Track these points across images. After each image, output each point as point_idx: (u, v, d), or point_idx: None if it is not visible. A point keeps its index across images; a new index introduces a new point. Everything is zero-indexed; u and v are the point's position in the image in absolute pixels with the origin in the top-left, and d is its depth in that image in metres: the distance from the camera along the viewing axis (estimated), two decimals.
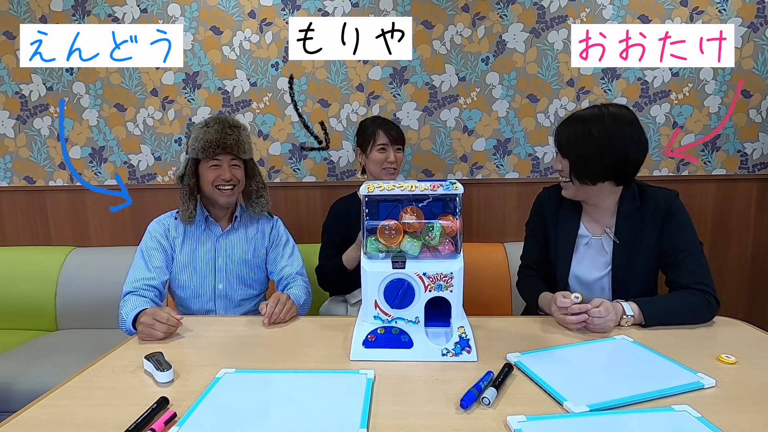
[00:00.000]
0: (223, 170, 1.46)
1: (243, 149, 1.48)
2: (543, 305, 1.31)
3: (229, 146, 1.44)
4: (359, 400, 0.82)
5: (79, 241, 2.28)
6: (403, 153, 1.80)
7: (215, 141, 1.43)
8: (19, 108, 2.21)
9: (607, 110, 1.24)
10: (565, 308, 1.13)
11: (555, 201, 1.41)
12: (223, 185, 1.47)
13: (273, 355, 1.04)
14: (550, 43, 2.08)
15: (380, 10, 2.08)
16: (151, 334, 1.14)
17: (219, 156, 1.45)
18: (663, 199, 1.27)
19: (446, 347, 1.00)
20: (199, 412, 0.79)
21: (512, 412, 0.78)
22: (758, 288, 2.19)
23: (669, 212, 1.25)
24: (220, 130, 1.44)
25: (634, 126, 1.22)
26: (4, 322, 2.12)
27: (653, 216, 1.26)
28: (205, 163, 1.47)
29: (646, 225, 1.26)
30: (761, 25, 2.03)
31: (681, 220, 1.25)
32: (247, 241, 1.57)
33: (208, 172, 1.46)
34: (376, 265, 1.02)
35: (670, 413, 0.77)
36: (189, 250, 1.51)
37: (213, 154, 1.44)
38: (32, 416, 0.81)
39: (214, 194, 1.47)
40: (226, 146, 1.44)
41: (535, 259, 1.44)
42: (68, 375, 0.95)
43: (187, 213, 1.47)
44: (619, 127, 1.21)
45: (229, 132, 1.45)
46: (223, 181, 1.46)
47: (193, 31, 2.12)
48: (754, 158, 2.13)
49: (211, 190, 1.47)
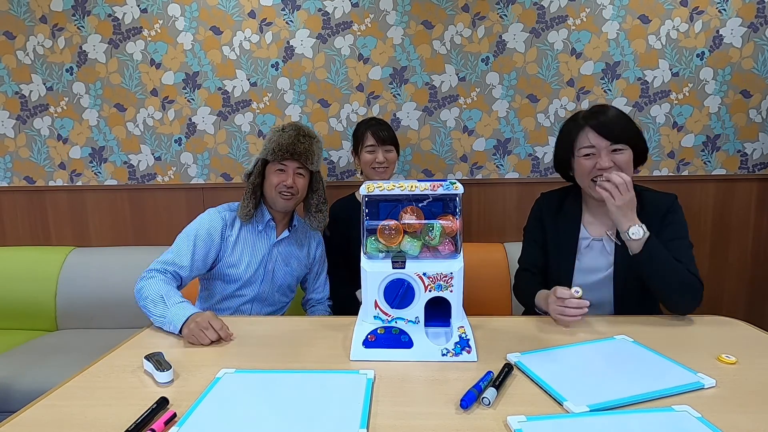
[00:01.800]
0: (287, 176, 1.47)
1: (311, 159, 1.49)
2: (540, 302, 1.29)
3: (298, 153, 1.46)
4: (359, 400, 0.82)
5: (79, 241, 2.28)
6: (395, 153, 1.82)
7: (286, 146, 1.45)
8: (19, 108, 2.21)
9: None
10: (564, 299, 1.13)
11: (554, 205, 1.41)
12: (284, 191, 1.48)
13: (273, 355, 1.04)
14: (550, 43, 2.08)
15: (380, 10, 2.09)
16: (200, 338, 1.10)
17: (286, 161, 1.47)
18: (663, 202, 1.30)
19: (446, 347, 1.00)
20: (199, 412, 0.79)
21: (512, 412, 0.78)
22: (758, 288, 2.19)
23: (667, 212, 1.28)
24: (294, 136, 1.46)
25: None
26: (4, 322, 2.12)
27: (654, 218, 1.26)
28: (272, 166, 1.49)
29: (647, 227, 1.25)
30: (761, 25, 2.03)
31: (676, 220, 1.28)
32: (298, 254, 1.60)
33: (273, 175, 1.48)
34: (376, 265, 1.02)
35: (670, 413, 0.76)
36: (243, 249, 1.50)
37: (281, 158, 1.46)
38: (32, 416, 0.81)
39: (275, 198, 1.49)
40: (295, 153, 1.45)
41: (533, 263, 1.43)
42: (68, 375, 0.95)
43: (246, 210, 1.48)
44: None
45: (302, 140, 1.47)
46: (285, 187, 1.47)
47: (193, 31, 2.12)
48: (754, 158, 2.13)
49: (273, 194, 1.49)
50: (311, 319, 1.29)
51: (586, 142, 1.26)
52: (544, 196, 1.47)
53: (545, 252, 1.41)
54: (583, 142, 1.27)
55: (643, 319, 1.23)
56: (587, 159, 1.27)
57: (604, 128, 1.24)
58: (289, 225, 1.59)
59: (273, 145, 1.46)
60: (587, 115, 1.29)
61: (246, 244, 1.51)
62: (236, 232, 1.50)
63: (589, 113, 1.30)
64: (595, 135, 1.24)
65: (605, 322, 1.18)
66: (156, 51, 2.14)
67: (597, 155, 1.25)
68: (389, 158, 1.76)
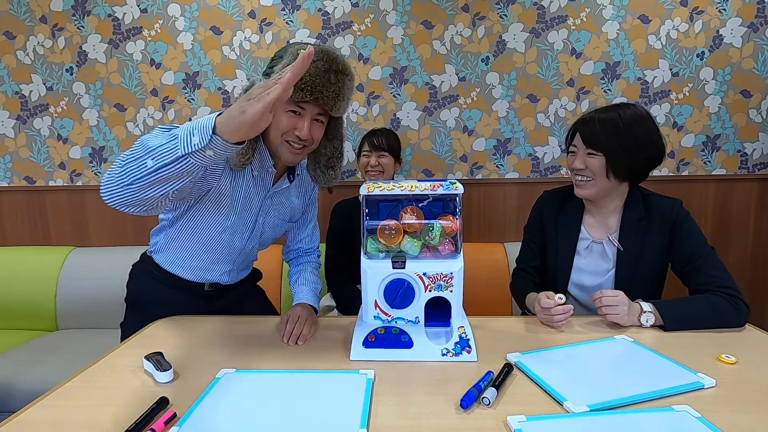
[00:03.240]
0: (302, 123, 1.08)
1: (338, 106, 1.10)
2: (529, 305, 1.29)
3: (324, 97, 1.06)
4: (359, 400, 0.82)
5: (79, 241, 2.28)
6: (390, 158, 1.86)
7: (311, 84, 1.04)
8: (19, 108, 2.21)
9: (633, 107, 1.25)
10: (549, 309, 1.13)
11: (556, 204, 1.40)
12: (295, 141, 1.11)
13: (273, 355, 1.04)
14: (550, 43, 2.08)
15: (380, 10, 2.09)
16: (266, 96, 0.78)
17: (305, 104, 1.07)
18: (669, 208, 1.26)
19: (446, 347, 1.00)
20: (199, 412, 0.79)
21: (512, 412, 0.78)
22: (758, 288, 2.19)
23: (676, 222, 1.24)
24: (324, 72, 1.05)
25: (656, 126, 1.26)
26: (4, 322, 2.12)
27: (660, 226, 1.25)
28: (284, 104, 1.07)
29: (652, 234, 1.26)
30: (761, 25, 2.03)
31: (690, 228, 1.24)
32: (290, 207, 1.31)
33: (283, 117, 1.08)
34: (376, 265, 1.02)
35: (670, 413, 0.76)
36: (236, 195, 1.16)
37: (300, 98, 1.05)
38: (32, 416, 0.81)
39: (281, 146, 1.12)
40: (320, 97, 1.06)
41: (530, 263, 1.42)
42: (68, 375, 0.95)
43: (245, 158, 1.10)
44: (653, 122, 1.24)
45: (332, 80, 1.06)
46: (297, 138, 1.10)
47: (193, 31, 2.12)
48: (754, 158, 2.13)
49: (279, 141, 1.11)
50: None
51: (573, 140, 1.31)
52: (547, 194, 1.45)
53: (543, 253, 1.41)
54: (571, 139, 1.32)
55: None
56: (571, 156, 1.31)
57: (585, 130, 1.25)
58: (291, 172, 1.26)
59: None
60: (586, 115, 1.29)
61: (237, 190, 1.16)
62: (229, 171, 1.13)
63: (589, 113, 1.29)
64: (578, 136, 1.27)
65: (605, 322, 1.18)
66: (156, 51, 2.14)
67: (576, 154, 1.29)
68: (382, 162, 1.84)
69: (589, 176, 1.26)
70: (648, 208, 1.27)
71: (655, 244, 1.25)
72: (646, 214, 1.26)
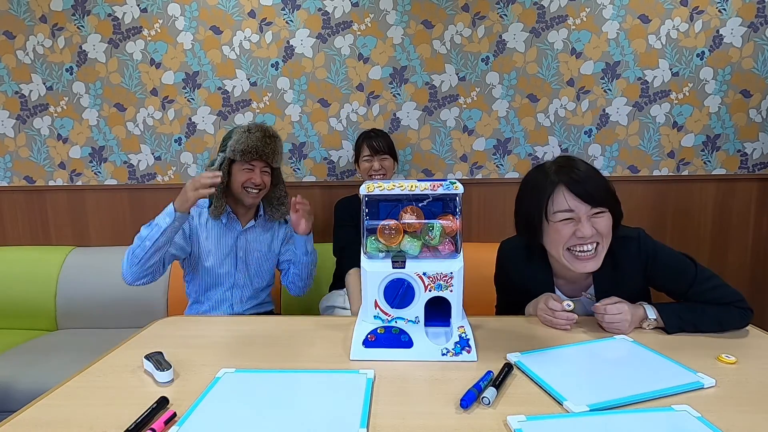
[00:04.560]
0: (255, 175, 1.58)
1: (276, 159, 1.62)
2: (529, 309, 1.25)
3: (266, 154, 1.57)
4: (359, 400, 0.82)
5: (79, 241, 2.28)
6: (391, 160, 1.89)
7: (255, 148, 1.55)
8: (19, 108, 2.21)
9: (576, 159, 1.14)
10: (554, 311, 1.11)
11: (521, 258, 1.25)
12: (251, 188, 1.58)
13: (273, 355, 1.04)
14: (550, 43, 2.08)
15: (380, 10, 2.08)
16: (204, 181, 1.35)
17: (254, 162, 1.57)
18: (635, 249, 1.15)
19: (446, 347, 1.00)
20: (199, 412, 0.79)
21: (512, 412, 0.78)
22: (758, 288, 2.19)
23: (648, 259, 1.15)
24: (261, 138, 1.57)
25: None
26: (4, 322, 2.12)
27: (631, 270, 1.16)
28: (239, 165, 1.58)
29: (626, 280, 1.17)
30: (761, 25, 2.03)
31: (663, 259, 1.15)
32: (265, 239, 1.69)
33: (240, 173, 1.58)
34: (376, 264, 1.02)
35: (670, 413, 0.76)
36: (214, 241, 1.61)
37: (250, 159, 1.56)
38: (32, 416, 0.81)
39: (242, 194, 1.59)
40: (263, 154, 1.56)
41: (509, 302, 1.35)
42: (68, 375, 0.95)
43: (220, 209, 1.58)
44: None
45: (268, 141, 1.58)
46: (253, 185, 1.58)
47: (193, 30, 2.12)
48: (754, 158, 2.13)
49: (240, 191, 1.58)
50: (311, 319, 1.29)
51: (564, 206, 1.08)
52: (506, 246, 1.32)
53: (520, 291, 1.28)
54: (560, 204, 1.08)
55: None
56: (565, 225, 1.09)
57: (581, 189, 1.07)
58: (255, 215, 1.68)
59: (242, 147, 1.55)
60: (558, 170, 1.11)
61: (214, 236, 1.61)
62: (204, 223, 1.61)
63: (558, 168, 1.12)
64: (572, 197, 1.07)
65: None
66: (156, 51, 2.14)
67: (576, 220, 1.08)
68: (384, 165, 1.87)
69: (597, 241, 1.09)
70: (613, 255, 1.14)
71: (633, 285, 1.17)
72: (615, 263, 1.15)
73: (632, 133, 2.13)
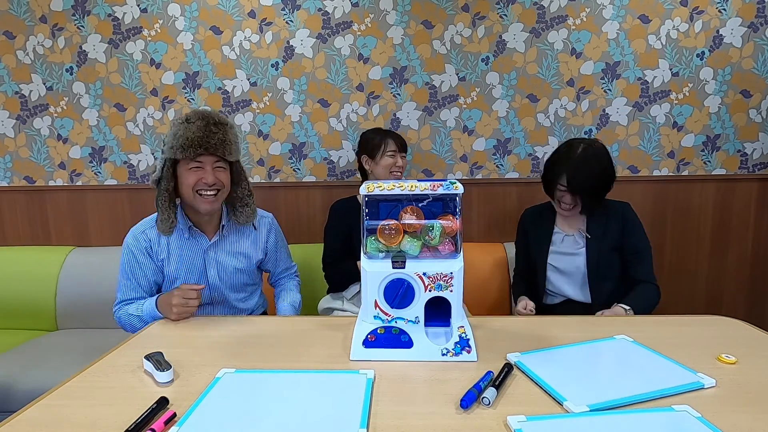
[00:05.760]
0: (206, 173, 1.28)
1: (229, 150, 1.30)
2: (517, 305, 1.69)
3: (213, 146, 1.26)
4: (359, 400, 0.82)
5: (79, 241, 2.28)
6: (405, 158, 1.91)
7: (197, 140, 1.24)
8: (19, 108, 2.21)
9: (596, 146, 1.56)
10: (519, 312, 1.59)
11: (535, 215, 1.76)
12: (205, 190, 1.29)
13: (273, 355, 1.04)
14: (550, 43, 2.08)
15: (380, 10, 2.09)
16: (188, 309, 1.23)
17: (201, 157, 1.27)
18: (621, 208, 1.63)
19: (446, 347, 1.00)
20: (199, 412, 0.79)
21: (512, 412, 0.78)
22: (758, 288, 2.19)
23: (627, 218, 1.61)
24: (204, 127, 1.25)
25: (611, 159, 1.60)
26: (4, 322, 2.12)
27: (615, 220, 1.61)
28: (184, 165, 1.29)
29: (610, 224, 1.61)
30: (761, 25, 2.03)
31: (635, 225, 1.62)
32: (240, 251, 1.45)
33: (188, 174, 1.29)
34: (376, 265, 1.02)
35: (670, 413, 0.76)
36: (177, 264, 1.38)
37: (194, 155, 1.26)
38: (32, 416, 0.81)
39: (195, 200, 1.30)
40: (209, 146, 1.26)
41: (522, 268, 1.79)
42: (68, 375, 0.95)
43: (168, 223, 1.30)
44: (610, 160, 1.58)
45: (214, 130, 1.26)
46: (206, 186, 1.29)
47: (193, 30, 2.13)
48: (754, 158, 2.13)
49: (191, 196, 1.30)
50: (311, 319, 1.29)
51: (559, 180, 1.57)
52: (527, 211, 1.79)
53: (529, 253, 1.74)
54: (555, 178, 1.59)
55: (643, 319, 1.23)
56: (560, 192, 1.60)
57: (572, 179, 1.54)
58: (218, 225, 1.41)
59: (181, 141, 1.24)
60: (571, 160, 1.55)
61: (178, 255, 1.37)
62: (165, 246, 1.36)
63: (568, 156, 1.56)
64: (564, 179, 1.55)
65: (605, 322, 1.18)
66: (156, 51, 2.14)
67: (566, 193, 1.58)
68: (404, 163, 1.89)
69: (571, 204, 1.58)
70: (605, 208, 1.62)
71: (614, 232, 1.60)
72: (604, 212, 1.62)
73: (632, 133, 2.13)
